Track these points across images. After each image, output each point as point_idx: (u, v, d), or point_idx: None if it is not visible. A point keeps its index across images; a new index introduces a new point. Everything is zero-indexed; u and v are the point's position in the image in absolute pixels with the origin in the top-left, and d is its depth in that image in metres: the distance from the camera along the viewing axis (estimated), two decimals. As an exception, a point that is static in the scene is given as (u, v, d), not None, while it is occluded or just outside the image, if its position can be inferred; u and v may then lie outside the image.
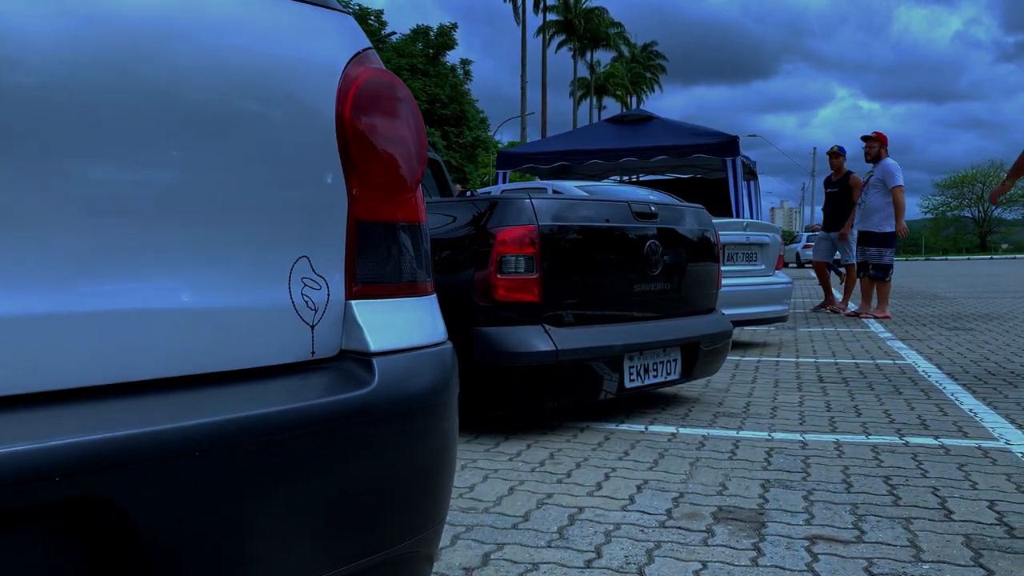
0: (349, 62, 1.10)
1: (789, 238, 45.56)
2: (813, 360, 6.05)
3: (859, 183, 9.66)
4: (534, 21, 67.47)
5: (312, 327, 1.02)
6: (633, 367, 3.82)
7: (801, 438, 3.56)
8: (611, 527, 2.44)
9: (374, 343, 1.06)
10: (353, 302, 1.08)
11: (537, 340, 3.47)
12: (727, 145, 10.72)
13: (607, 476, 2.98)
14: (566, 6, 56.58)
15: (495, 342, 3.43)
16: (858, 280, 9.54)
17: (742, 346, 7.00)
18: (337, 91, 1.07)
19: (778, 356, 6.30)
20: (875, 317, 9.26)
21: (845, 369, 5.58)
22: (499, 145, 35.16)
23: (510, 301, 3.46)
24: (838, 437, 3.57)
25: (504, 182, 11.56)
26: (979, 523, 2.44)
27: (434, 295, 1.24)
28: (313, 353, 1.03)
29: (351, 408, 0.96)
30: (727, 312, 6.39)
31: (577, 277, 3.65)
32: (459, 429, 3.58)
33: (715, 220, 6.73)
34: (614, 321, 3.79)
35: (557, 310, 3.57)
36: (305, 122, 1.02)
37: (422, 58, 34.76)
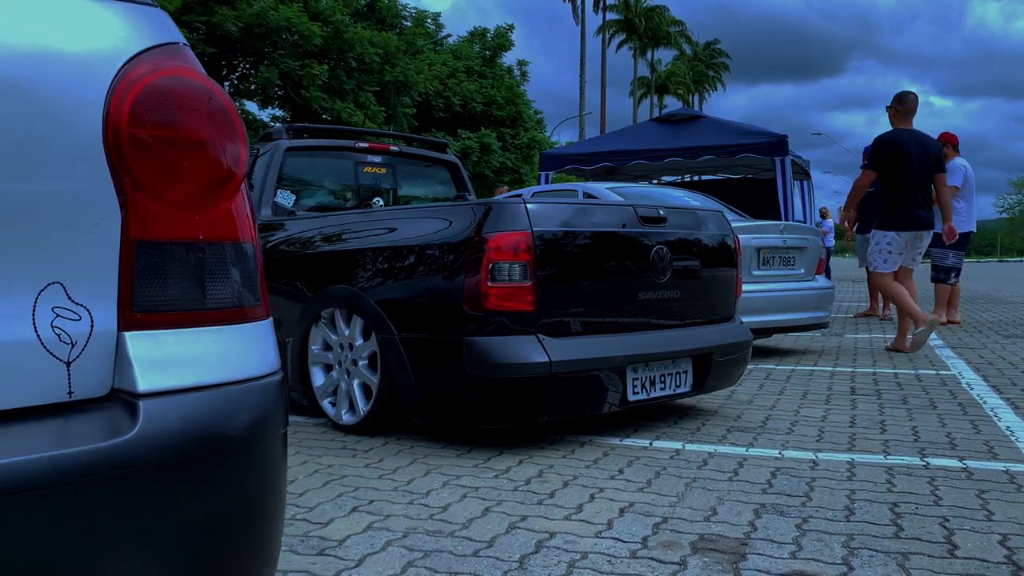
0: (132, 59, 0.97)
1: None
2: (850, 369, 5.76)
3: None
4: (594, 21, 67.19)
5: (68, 364, 0.90)
6: (637, 379, 3.63)
7: (813, 457, 3.34)
8: (577, 556, 2.28)
9: (144, 382, 0.93)
10: (128, 334, 0.95)
11: (530, 351, 3.31)
12: (776, 144, 10.38)
13: (592, 497, 2.81)
14: (626, 5, 56.04)
15: (485, 352, 3.29)
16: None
17: (779, 354, 6.72)
18: (110, 92, 0.94)
19: (814, 365, 6.02)
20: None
21: (882, 380, 5.28)
22: (556, 146, 34.97)
23: (502, 310, 3.31)
24: (853, 457, 3.33)
25: (547, 183, 11.40)
26: (984, 561, 2.21)
27: (262, 321, 1.10)
28: (71, 394, 0.91)
29: (97, 461, 0.83)
30: (763, 319, 6.16)
31: (575, 285, 3.49)
32: (452, 440, 3.42)
33: (751, 223, 6.49)
34: (616, 331, 3.61)
35: (553, 319, 3.41)
36: (59, 128, 0.90)
37: (478, 60, 34.77)
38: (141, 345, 0.95)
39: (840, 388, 5.00)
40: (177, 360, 0.96)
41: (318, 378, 4.00)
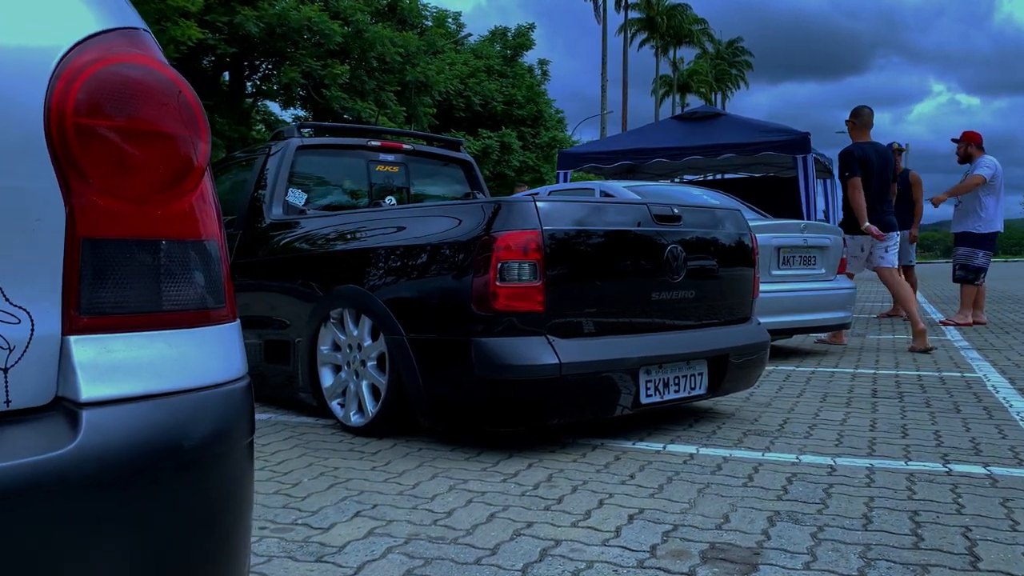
0: (80, 44, 0.91)
1: None
2: (872, 371, 5.64)
3: (919, 180, 9.12)
4: (615, 19, 66.74)
5: (4, 371, 0.84)
6: (651, 381, 3.55)
7: (831, 462, 3.24)
8: (583, 565, 2.20)
9: (88, 390, 0.86)
10: (73, 338, 0.89)
11: (539, 352, 3.24)
12: (798, 142, 10.24)
13: (601, 503, 2.74)
14: (648, 3, 55.73)
15: (494, 354, 3.22)
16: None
17: (799, 355, 6.60)
18: (53, 79, 0.88)
19: (835, 367, 5.90)
20: (957, 324, 8.67)
21: (904, 382, 5.16)
22: (577, 144, 34.86)
23: (511, 310, 3.24)
24: (873, 462, 3.23)
25: (566, 182, 11.31)
26: (1008, 574, 2.11)
27: (227, 324, 1.04)
28: (8, 403, 0.85)
29: (31, 475, 0.77)
30: (782, 319, 6.05)
31: (586, 285, 3.41)
32: (461, 443, 3.35)
33: (770, 222, 6.38)
34: (629, 332, 3.53)
35: (563, 320, 3.33)
36: None
37: (499, 59, 34.72)
38: (87, 350, 0.89)
39: (861, 391, 4.88)
40: (127, 366, 0.90)
41: (327, 379, 3.95)
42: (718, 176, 13.80)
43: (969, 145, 8.54)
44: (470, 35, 34.28)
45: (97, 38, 0.93)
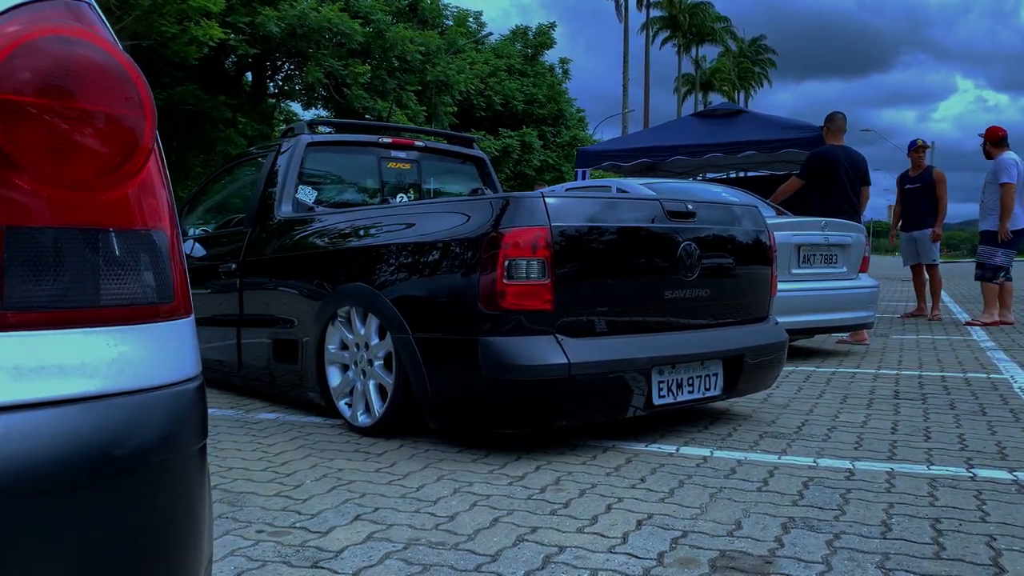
0: (4, 14, 0.84)
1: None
2: (895, 372, 5.50)
3: (943, 178, 8.93)
4: (637, 18, 66.40)
5: None
6: (663, 382, 3.46)
7: (850, 466, 3.13)
8: (586, 574, 2.12)
9: (6, 392, 0.79)
10: None
11: (548, 352, 3.16)
12: (819, 139, 10.06)
13: (609, 508, 2.65)
14: (670, 2, 55.43)
15: (501, 353, 3.14)
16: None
17: (820, 355, 6.47)
18: None
19: (857, 367, 5.77)
20: (983, 324, 8.49)
21: (928, 383, 5.03)
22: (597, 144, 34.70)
23: (519, 309, 3.16)
24: (893, 466, 3.12)
25: (584, 179, 11.21)
26: (1034, 586, 2.01)
27: (177, 321, 0.96)
28: None
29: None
30: (803, 319, 5.93)
31: (597, 283, 3.32)
32: (469, 444, 3.27)
33: (790, 219, 6.26)
34: (640, 331, 3.44)
35: (573, 319, 3.25)
36: None
37: (520, 59, 34.65)
38: (11, 349, 0.82)
39: (883, 392, 4.75)
40: (57, 367, 0.83)
41: (334, 378, 3.89)
42: (740, 174, 13.62)
43: (989, 142, 8.36)
44: (490, 34, 34.22)
45: (27, 7, 0.86)
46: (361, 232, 3.84)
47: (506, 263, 3.14)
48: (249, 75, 29.62)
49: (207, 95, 24.78)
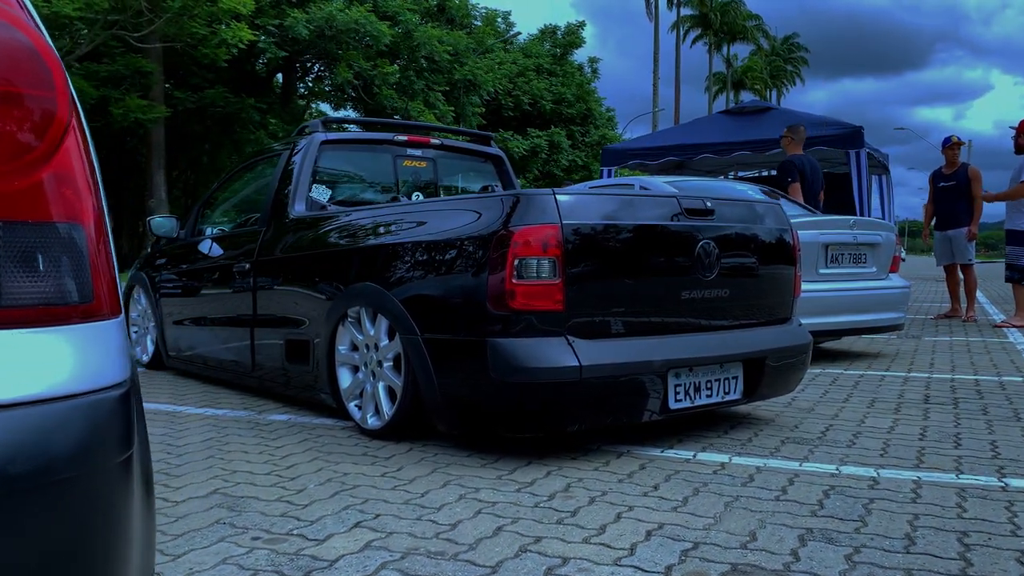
0: None
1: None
2: (926, 375, 5.32)
3: (978, 175, 8.67)
4: (668, 17, 65.84)
5: None
6: (680, 385, 3.34)
7: (874, 474, 3.00)
8: (589, 587, 2.02)
9: None
10: None
11: (558, 354, 3.06)
12: (850, 136, 9.88)
13: (618, 517, 2.54)
14: (701, 0, 54.98)
15: (510, 355, 3.05)
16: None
17: (848, 357, 6.29)
18: None
19: (886, 370, 5.59)
20: (1014, 326, 8.24)
21: (961, 387, 4.85)
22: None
23: (529, 309, 3.07)
24: (920, 475, 2.98)
25: (609, 178, 11.08)
26: (1068, 608, 1.87)
27: (100, 322, 0.88)
28: None
29: None
30: (830, 320, 5.77)
31: (610, 282, 3.22)
32: (480, 448, 3.16)
33: (817, 218, 6.10)
34: (656, 332, 3.33)
35: (585, 320, 3.15)
36: None
37: (549, 58, 34.54)
38: None
39: (912, 396, 4.59)
40: None
41: (345, 379, 3.82)
42: (772, 172, 13.39)
43: (1020, 135, 8.10)
44: (519, 34, 34.14)
45: None
46: (369, 231, 3.77)
47: (516, 262, 3.04)
48: (280, 76, 29.82)
49: (236, 98, 24.98)
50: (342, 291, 3.75)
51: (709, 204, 3.54)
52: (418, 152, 4.95)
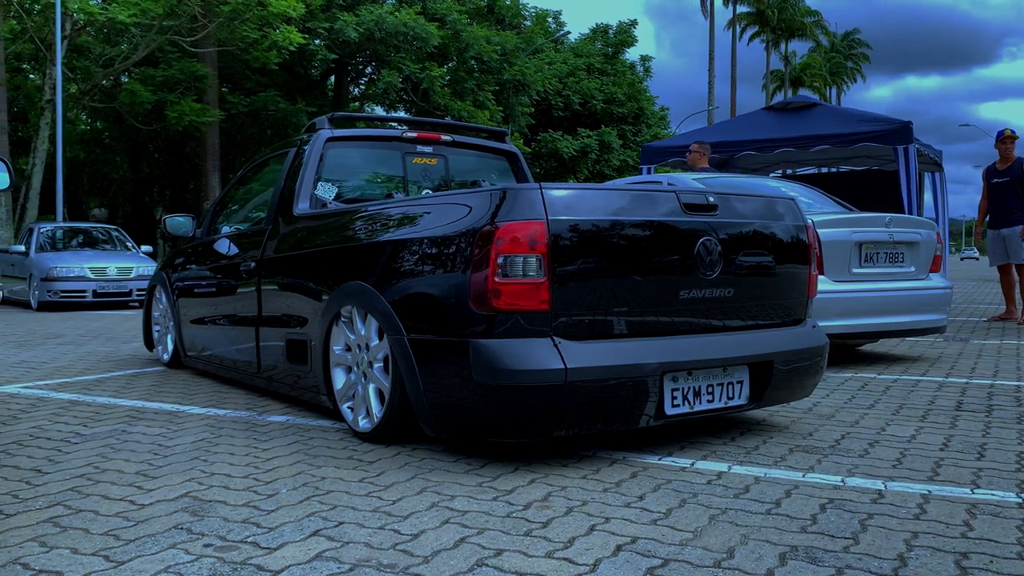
0: None
1: None
2: (964, 381, 5.04)
3: None
4: (724, 14, 64.77)
5: None
6: (677, 389, 3.17)
7: (881, 487, 2.79)
8: (536, 607, 1.88)
9: None
10: None
11: (543, 356, 2.92)
12: (899, 132, 9.49)
13: (591, 529, 2.39)
14: (758, -3, 54.03)
15: (493, 357, 2.91)
16: None
17: (886, 360, 6.01)
18: None
19: (923, 375, 5.31)
20: None
21: (999, 394, 4.57)
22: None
23: (513, 309, 2.93)
24: (931, 488, 2.77)
25: (643, 175, 10.86)
26: (1062, 644, 1.67)
27: None
28: None
29: None
30: (864, 322, 5.52)
31: (601, 281, 3.06)
32: (469, 452, 3.06)
33: (849, 215, 5.83)
34: (651, 334, 3.16)
35: (572, 320, 3.00)
36: None
37: (600, 57, 34.27)
38: None
39: (944, 403, 4.33)
40: None
41: (339, 381, 3.73)
42: (823, 170, 13.00)
43: None
44: (568, 33, 33.94)
45: None
46: (361, 228, 3.67)
47: (499, 259, 2.91)
48: (332, 80, 30.14)
49: (288, 101, 25.31)
50: (335, 290, 3.67)
51: (711, 199, 3.35)
52: (428, 149, 4.85)
